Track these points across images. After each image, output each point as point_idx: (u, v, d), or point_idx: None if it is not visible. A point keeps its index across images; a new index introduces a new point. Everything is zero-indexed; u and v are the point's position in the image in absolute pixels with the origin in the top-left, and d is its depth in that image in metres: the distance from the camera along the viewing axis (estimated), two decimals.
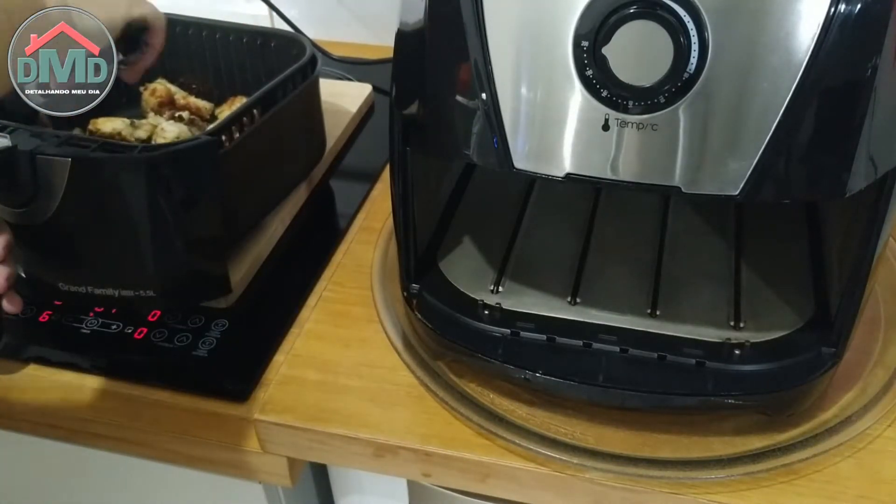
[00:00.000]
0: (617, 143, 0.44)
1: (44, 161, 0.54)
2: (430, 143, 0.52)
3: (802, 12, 0.40)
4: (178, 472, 0.63)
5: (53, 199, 0.55)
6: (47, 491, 0.75)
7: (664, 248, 0.63)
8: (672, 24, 0.40)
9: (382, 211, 0.75)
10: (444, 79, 0.48)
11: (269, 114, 0.66)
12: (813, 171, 0.44)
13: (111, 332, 0.64)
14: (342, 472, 0.68)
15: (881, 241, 0.48)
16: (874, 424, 0.54)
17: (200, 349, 0.63)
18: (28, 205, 0.56)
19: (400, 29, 0.51)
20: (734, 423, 0.55)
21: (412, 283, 0.60)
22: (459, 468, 0.55)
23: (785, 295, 0.58)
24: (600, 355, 0.55)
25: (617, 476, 0.52)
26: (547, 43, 0.43)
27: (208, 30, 0.78)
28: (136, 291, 0.60)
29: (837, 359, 0.53)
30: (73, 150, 0.54)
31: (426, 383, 0.58)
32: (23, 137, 0.55)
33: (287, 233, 0.72)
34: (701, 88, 0.42)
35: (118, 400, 0.61)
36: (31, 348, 0.64)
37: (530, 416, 0.56)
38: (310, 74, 0.71)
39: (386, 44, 0.57)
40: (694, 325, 0.56)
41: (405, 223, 0.57)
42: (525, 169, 0.47)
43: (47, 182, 0.55)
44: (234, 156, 0.62)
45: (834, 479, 0.52)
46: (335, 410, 0.57)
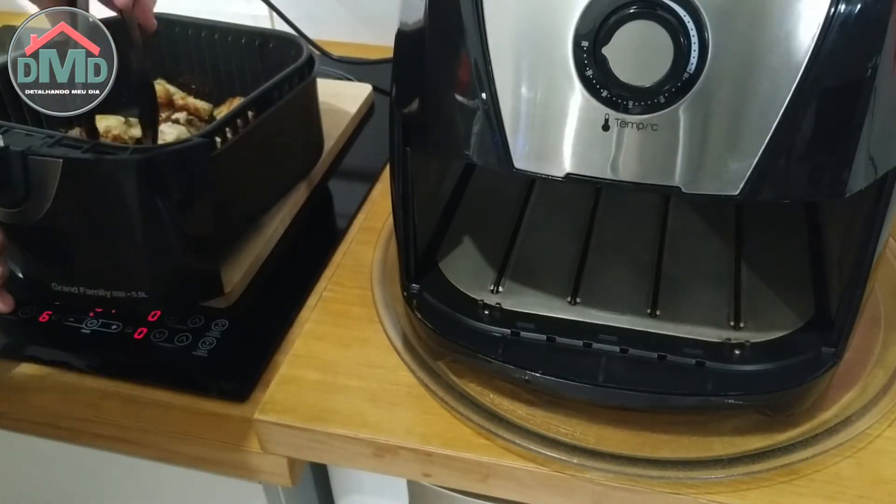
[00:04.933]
0: (617, 143, 0.44)
1: (35, 161, 0.54)
2: (430, 143, 0.52)
3: (802, 12, 0.40)
4: (178, 472, 0.63)
5: (46, 199, 0.55)
6: (47, 491, 0.75)
7: (664, 248, 0.63)
8: (672, 24, 0.40)
9: (382, 211, 0.75)
10: (444, 79, 0.48)
11: (264, 116, 0.66)
12: (813, 171, 0.44)
13: (111, 332, 0.64)
14: (342, 472, 0.68)
15: (881, 241, 0.48)
16: (874, 424, 0.54)
17: (200, 349, 0.63)
18: (20, 204, 0.56)
19: (400, 29, 0.51)
20: (734, 423, 0.55)
21: (412, 283, 0.60)
22: (459, 468, 0.55)
23: (785, 295, 0.58)
24: (600, 355, 0.55)
25: (617, 476, 0.52)
26: (547, 43, 0.43)
27: (207, 30, 0.78)
28: (127, 292, 0.60)
29: (837, 359, 0.53)
30: (64, 151, 0.55)
31: (426, 383, 0.58)
32: (15, 138, 0.55)
33: (287, 233, 0.72)
34: (701, 88, 0.42)
35: (118, 400, 0.61)
36: (31, 348, 0.64)
37: (530, 416, 0.56)
38: (307, 76, 0.71)
39: (386, 44, 0.57)
40: (694, 325, 0.56)
41: (405, 223, 0.57)
42: (525, 169, 0.47)
43: (39, 182, 0.55)
44: (227, 157, 0.62)
45: (834, 479, 0.52)
46: (335, 410, 0.57)
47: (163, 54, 0.80)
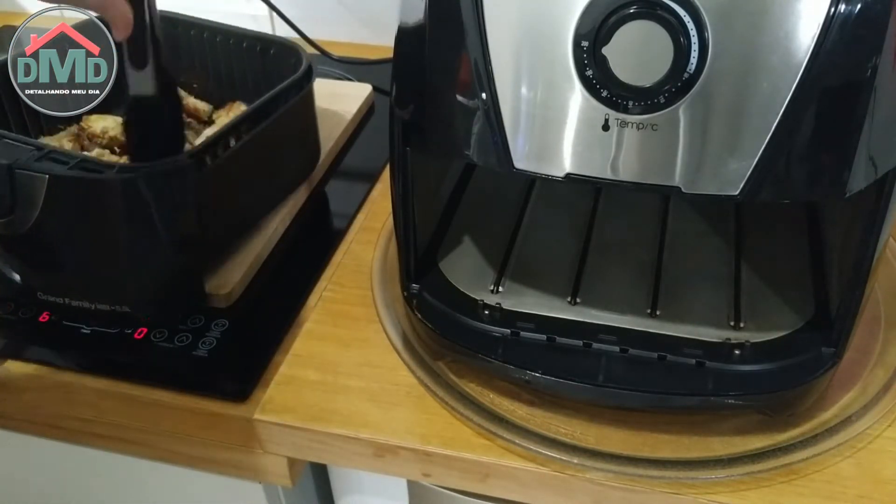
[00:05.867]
0: (617, 143, 0.44)
1: (22, 175, 0.54)
2: (430, 143, 0.52)
3: (802, 12, 0.40)
4: (178, 472, 0.63)
5: (32, 211, 0.55)
6: (47, 491, 0.75)
7: (664, 248, 0.63)
8: (672, 24, 0.40)
9: (382, 211, 0.75)
10: (444, 79, 0.48)
11: (257, 130, 0.65)
12: (813, 171, 0.44)
13: (111, 333, 0.64)
14: (342, 472, 0.68)
15: (881, 241, 0.48)
16: (874, 424, 0.54)
17: (200, 349, 0.63)
18: (7, 216, 0.56)
19: (400, 29, 0.51)
20: (734, 423, 0.55)
21: (412, 283, 0.60)
22: (459, 468, 0.55)
23: (785, 295, 0.58)
24: (600, 355, 0.55)
25: (617, 476, 0.52)
26: (547, 43, 0.43)
27: (210, 32, 0.78)
28: (111, 306, 0.61)
29: (837, 359, 0.53)
30: (49, 167, 0.54)
31: (426, 383, 0.58)
32: (2, 150, 0.55)
33: (287, 233, 0.72)
34: (701, 88, 0.42)
35: (118, 400, 0.61)
36: (31, 348, 0.64)
37: (530, 416, 0.56)
38: (304, 86, 0.70)
39: (386, 44, 0.57)
40: (694, 325, 0.56)
41: (405, 223, 0.57)
42: (525, 169, 0.47)
43: (26, 195, 0.55)
44: (216, 174, 0.61)
45: (834, 479, 0.52)
46: (335, 410, 0.57)
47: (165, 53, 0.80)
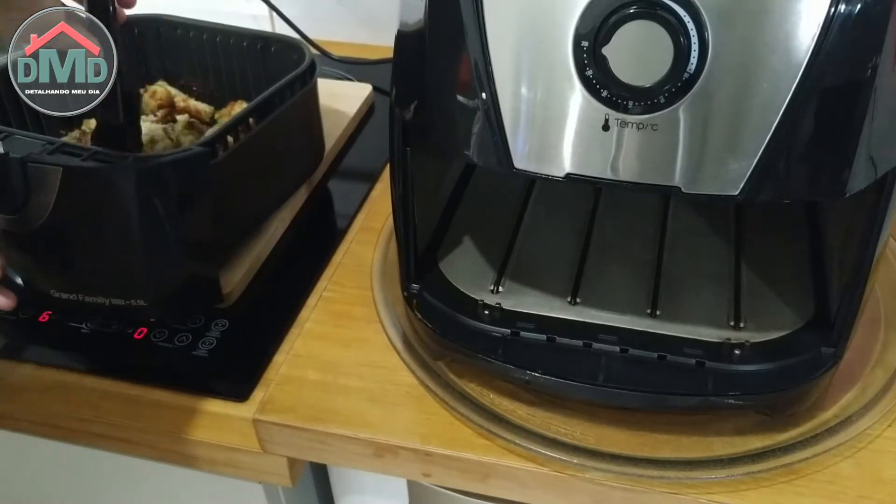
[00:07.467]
0: (617, 143, 0.44)
1: (35, 168, 0.54)
2: (430, 143, 0.52)
3: (802, 12, 0.40)
4: (178, 472, 0.63)
5: (45, 205, 0.55)
6: (47, 491, 0.75)
7: (664, 248, 0.63)
8: (672, 24, 0.40)
9: (382, 211, 0.75)
10: (444, 79, 0.48)
11: (265, 122, 0.65)
12: (813, 171, 0.44)
13: (111, 332, 0.64)
14: (342, 472, 0.68)
15: (881, 241, 0.48)
16: (874, 424, 0.54)
17: (200, 349, 0.63)
18: (19, 211, 0.56)
19: (400, 29, 0.51)
20: (734, 423, 0.55)
21: (412, 283, 0.60)
22: (459, 468, 0.55)
23: (785, 295, 0.58)
24: (600, 355, 0.55)
25: (617, 476, 0.52)
26: (547, 43, 0.43)
27: (209, 33, 0.78)
28: (126, 300, 0.60)
29: (837, 359, 0.53)
30: (63, 159, 0.54)
31: (426, 383, 0.58)
32: (15, 144, 0.55)
33: (287, 233, 0.72)
34: (701, 88, 0.42)
35: (118, 400, 0.61)
36: (31, 348, 0.64)
37: (530, 416, 0.56)
38: (308, 81, 0.71)
39: (386, 44, 0.57)
40: (694, 325, 0.56)
41: (405, 223, 0.57)
42: (525, 169, 0.47)
43: (39, 189, 0.55)
44: (228, 164, 0.62)
45: (834, 479, 0.52)
46: (335, 410, 0.57)
47: (164, 56, 0.80)
